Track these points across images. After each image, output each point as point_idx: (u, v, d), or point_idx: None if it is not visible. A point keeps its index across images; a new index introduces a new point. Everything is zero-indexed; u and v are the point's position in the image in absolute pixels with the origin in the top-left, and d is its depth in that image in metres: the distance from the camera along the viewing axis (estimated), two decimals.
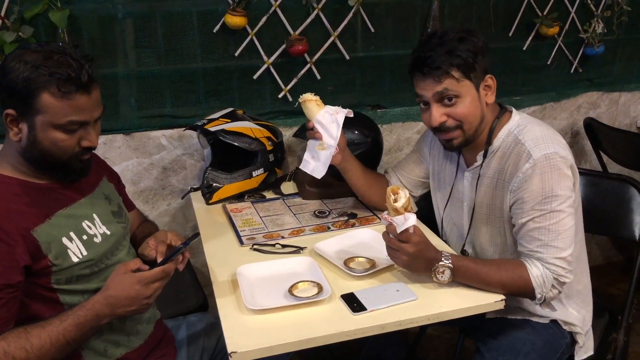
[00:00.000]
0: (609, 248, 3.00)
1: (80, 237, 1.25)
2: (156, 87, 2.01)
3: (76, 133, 1.19)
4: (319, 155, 1.55)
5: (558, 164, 1.34)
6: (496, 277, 1.34)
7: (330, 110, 1.54)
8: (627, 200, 1.82)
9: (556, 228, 1.34)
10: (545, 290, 1.35)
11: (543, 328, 1.52)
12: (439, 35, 1.38)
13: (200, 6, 1.97)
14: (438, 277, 1.33)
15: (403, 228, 1.29)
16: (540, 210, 1.35)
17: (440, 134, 1.45)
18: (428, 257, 1.32)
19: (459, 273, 1.33)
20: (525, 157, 1.37)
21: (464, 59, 1.35)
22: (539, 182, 1.34)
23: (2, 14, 1.74)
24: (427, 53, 1.36)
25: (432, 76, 1.36)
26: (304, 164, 1.59)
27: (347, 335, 1.21)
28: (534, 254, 1.36)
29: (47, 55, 1.13)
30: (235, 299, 1.32)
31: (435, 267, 1.32)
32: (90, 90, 1.18)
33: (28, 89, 1.12)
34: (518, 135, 1.42)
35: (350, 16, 2.13)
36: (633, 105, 2.80)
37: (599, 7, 2.50)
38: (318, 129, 1.54)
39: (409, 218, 1.29)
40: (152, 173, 2.09)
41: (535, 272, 1.34)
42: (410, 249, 1.30)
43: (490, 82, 1.42)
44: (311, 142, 1.58)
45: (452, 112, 1.39)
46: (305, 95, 1.54)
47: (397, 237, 1.31)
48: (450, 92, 1.36)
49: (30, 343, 1.11)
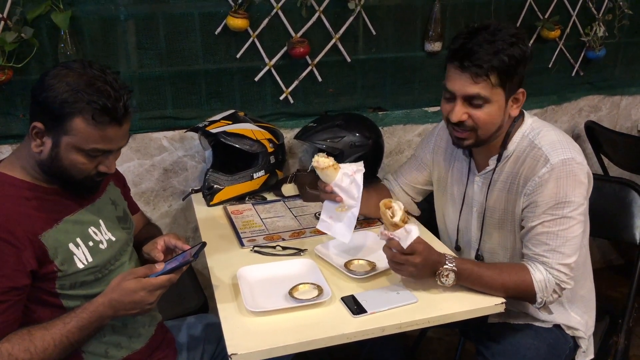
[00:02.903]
0: (610, 251, 3.00)
1: (87, 243, 1.25)
2: (158, 89, 2.01)
3: (97, 158, 1.20)
4: (340, 217, 1.47)
5: (575, 170, 1.33)
6: (499, 281, 1.33)
7: (348, 170, 1.44)
8: (628, 203, 1.82)
9: (565, 234, 1.34)
10: (546, 295, 1.34)
11: (546, 333, 1.52)
12: (491, 31, 1.30)
13: (202, 8, 1.97)
14: (442, 281, 1.32)
15: (408, 243, 1.27)
16: (551, 214, 1.34)
17: (453, 129, 1.40)
18: (433, 262, 1.32)
19: (463, 276, 1.32)
20: (542, 161, 1.36)
21: (507, 65, 1.29)
22: (554, 187, 1.33)
23: (4, 15, 1.75)
24: (474, 47, 1.29)
25: (471, 73, 1.29)
26: (322, 224, 1.49)
27: (347, 338, 1.21)
28: (539, 258, 1.36)
29: (89, 81, 1.13)
30: (236, 300, 1.32)
31: (440, 271, 1.31)
32: (122, 123, 1.18)
33: (63, 110, 1.13)
34: (533, 140, 1.40)
35: (352, 19, 2.13)
36: (634, 108, 2.80)
37: (601, 11, 2.50)
38: (337, 193, 1.45)
39: (411, 231, 1.27)
40: (153, 174, 2.09)
41: (539, 276, 1.34)
42: (416, 260, 1.29)
43: (521, 97, 1.39)
44: (328, 202, 1.48)
45: (474, 114, 1.34)
46: (322, 161, 1.42)
47: (401, 251, 1.29)
48: (480, 98, 1.32)
49: (34, 345, 1.12)
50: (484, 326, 1.56)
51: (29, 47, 1.77)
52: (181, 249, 1.33)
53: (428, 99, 2.37)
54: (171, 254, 1.35)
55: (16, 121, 1.88)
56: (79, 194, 1.27)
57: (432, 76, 2.34)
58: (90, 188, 1.28)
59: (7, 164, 1.23)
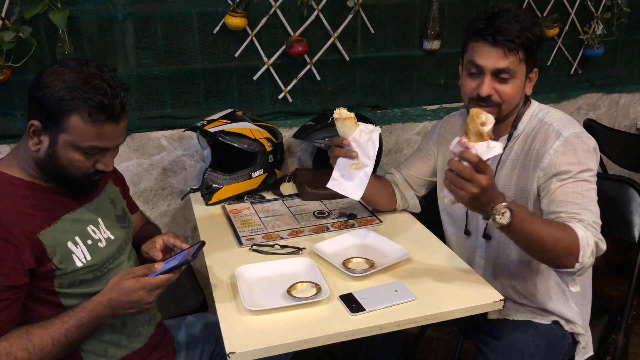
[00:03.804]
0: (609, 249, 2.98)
1: (85, 241, 1.25)
2: (156, 88, 2.01)
3: (94, 156, 1.20)
4: (352, 175, 1.45)
5: (586, 142, 1.39)
6: (550, 232, 1.27)
7: (366, 128, 1.44)
8: (627, 201, 1.82)
9: (589, 194, 1.35)
10: (587, 254, 1.27)
11: (545, 329, 1.52)
12: (512, 13, 1.38)
13: (200, 7, 1.97)
14: (497, 219, 1.21)
15: (489, 156, 1.17)
16: (574, 177, 1.36)
17: (479, 106, 1.39)
18: (493, 194, 1.21)
19: (518, 218, 1.22)
20: (554, 135, 1.41)
21: (532, 42, 1.37)
22: (573, 156, 1.37)
23: (2, 14, 1.75)
24: (504, 24, 1.35)
25: (503, 48, 1.35)
26: (333, 182, 1.47)
27: (345, 336, 1.21)
28: (576, 216, 1.32)
29: (85, 78, 1.13)
30: (234, 299, 1.32)
31: (498, 208, 1.21)
32: (119, 120, 1.18)
33: (59, 108, 1.12)
34: (543, 118, 1.46)
35: (350, 17, 2.13)
36: (633, 106, 2.80)
37: (599, 9, 2.50)
38: (354, 148, 1.44)
39: (495, 146, 1.18)
40: (152, 174, 2.09)
41: (581, 233, 1.28)
42: (484, 182, 1.17)
43: (534, 75, 1.46)
44: (342, 160, 1.46)
45: (501, 89, 1.40)
46: (343, 112, 1.42)
47: (475, 167, 1.16)
48: (510, 71, 1.38)
49: (32, 344, 1.12)
50: (483, 322, 1.56)
51: (26, 46, 1.77)
52: (180, 248, 1.33)
53: (427, 97, 2.37)
54: (170, 253, 1.35)
55: (14, 120, 1.88)
56: (77, 192, 1.27)
57: (430, 75, 2.34)
58: (89, 186, 1.27)
59: (5, 162, 1.23)
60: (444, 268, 1.44)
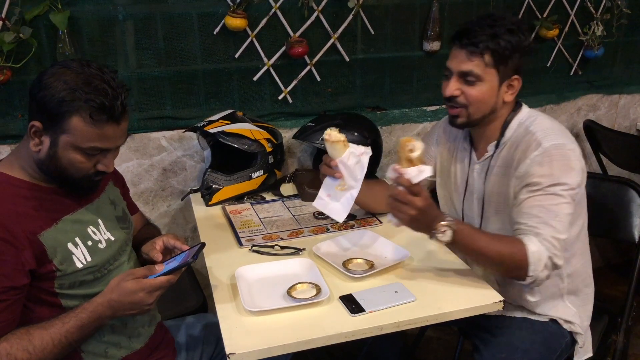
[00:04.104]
0: (609, 250, 3.00)
1: (85, 242, 1.25)
2: (156, 89, 2.01)
3: (95, 157, 1.20)
4: (337, 196, 1.46)
5: (567, 155, 1.37)
6: (495, 248, 1.32)
7: (356, 151, 1.44)
8: (627, 202, 1.82)
9: (555, 209, 1.34)
10: (539, 269, 1.31)
11: (542, 326, 1.52)
12: (493, 18, 1.40)
13: (200, 8, 1.97)
14: (438, 237, 1.30)
15: (419, 179, 1.26)
16: (542, 190, 1.35)
17: (448, 106, 1.49)
18: (432, 215, 1.30)
19: (460, 236, 1.30)
20: (534, 145, 1.39)
21: (502, 49, 1.38)
22: (548, 169, 1.36)
23: (2, 15, 1.75)
24: (474, 28, 1.39)
25: (467, 50, 1.39)
26: (319, 201, 1.48)
27: (345, 337, 1.22)
28: (532, 230, 1.34)
29: (86, 79, 1.13)
30: (234, 300, 1.32)
31: (438, 227, 1.29)
32: (120, 122, 1.18)
33: (60, 109, 1.12)
34: (529, 126, 1.45)
35: (350, 18, 2.13)
36: (632, 107, 2.80)
37: (599, 10, 2.50)
38: (340, 169, 1.44)
39: (425, 170, 1.26)
40: (152, 174, 2.09)
41: (532, 247, 1.31)
42: (419, 203, 1.26)
43: (516, 83, 1.46)
44: (329, 179, 1.48)
45: (467, 91, 1.43)
46: (334, 135, 1.42)
47: (408, 190, 1.26)
48: (473, 75, 1.40)
49: (32, 344, 1.12)
50: (480, 320, 1.56)
51: (27, 47, 1.77)
52: (180, 250, 1.33)
53: (427, 98, 2.37)
54: (170, 254, 1.35)
55: (15, 121, 1.88)
56: (77, 193, 1.27)
57: (430, 75, 2.34)
58: (89, 187, 1.27)
59: (6, 163, 1.23)
60: (444, 269, 1.44)
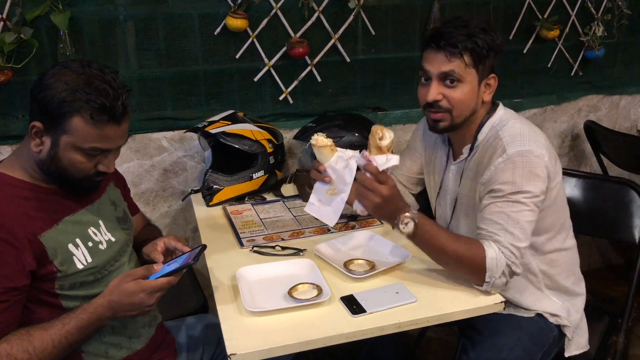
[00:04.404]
0: (609, 251, 3.00)
1: (86, 243, 1.25)
2: (157, 90, 2.02)
3: (96, 157, 1.20)
4: (328, 200, 1.45)
5: (531, 162, 1.35)
6: (453, 247, 1.33)
7: (344, 155, 1.42)
8: (627, 203, 1.82)
9: (516, 217, 1.34)
10: (496, 275, 1.31)
11: (528, 322, 1.52)
12: (463, 20, 1.40)
13: (201, 9, 1.98)
14: (400, 228, 1.32)
15: (386, 167, 1.29)
16: (504, 197, 1.35)
17: (430, 112, 1.46)
18: (397, 205, 1.32)
19: (421, 230, 1.32)
20: (500, 151, 1.39)
21: (480, 48, 1.38)
22: (510, 176, 1.35)
23: (4, 15, 1.75)
24: (449, 29, 1.38)
25: (445, 52, 1.37)
26: (310, 206, 1.47)
27: (346, 338, 1.21)
28: (492, 236, 1.34)
29: (87, 80, 1.13)
30: (235, 300, 1.32)
31: (401, 218, 1.32)
32: (121, 122, 1.18)
33: (61, 109, 1.13)
34: (499, 131, 1.44)
35: (351, 19, 2.13)
36: (633, 108, 2.80)
37: (599, 11, 2.50)
38: (329, 174, 1.43)
39: (392, 158, 1.29)
40: (152, 175, 2.09)
41: (491, 253, 1.31)
42: (385, 192, 1.29)
43: (493, 82, 1.45)
44: (319, 184, 1.46)
45: (449, 94, 1.41)
46: (320, 140, 1.41)
47: (375, 178, 1.30)
48: (455, 75, 1.39)
49: (32, 345, 1.12)
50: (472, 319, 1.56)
51: (28, 47, 1.77)
52: (181, 251, 1.33)
53: None
54: (171, 256, 1.35)
55: (16, 122, 1.89)
56: (78, 194, 1.27)
57: None
58: (90, 188, 1.28)
59: (6, 164, 1.23)
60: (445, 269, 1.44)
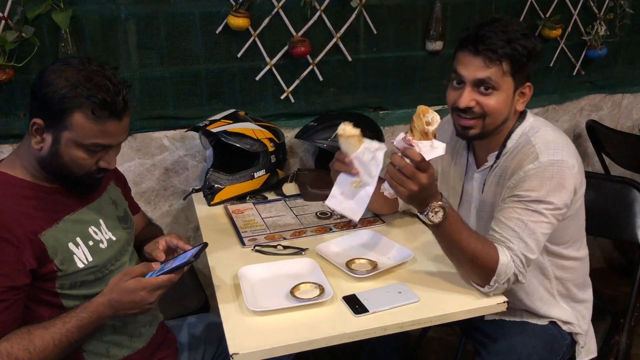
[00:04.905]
0: (611, 251, 3.00)
1: (87, 242, 1.25)
2: (159, 89, 2.01)
3: (97, 154, 1.20)
4: (352, 193, 1.37)
5: (562, 173, 1.31)
6: (472, 245, 1.28)
7: (371, 146, 1.35)
8: (630, 202, 1.82)
9: (533, 227, 1.31)
10: (500, 281, 1.29)
11: (542, 330, 1.51)
12: (502, 23, 1.32)
13: (203, 7, 1.97)
14: (430, 216, 1.25)
15: (432, 156, 1.19)
16: (526, 205, 1.32)
17: (460, 117, 1.39)
18: (431, 192, 1.24)
19: (449, 220, 1.26)
20: (532, 157, 1.34)
21: (520, 55, 1.31)
22: (538, 184, 1.31)
23: (5, 14, 1.75)
24: (488, 33, 1.30)
25: (484, 57, 1.30)
26: (332, 200, 1.38)
27: (348, 337, 1.21)
28: (506, 242, 1.31)
29: (88, 76, 1.13)
30: (237, 300, 1.32)
31: (433, 205, 1.24)
32: (122, 118, 1.18)
33: (62, 106, 1.12)
34: (531, 137, 1.39)
35: (353, 18, 2.13)
36: (635, 107, 2.80)
37: (602, 10, 2.50)
38: (356, 165, 1.35)
39: (438, 147, 1.19)
40: (154, 174, 2.09)
41: (504, 259, 1.29)
42: (424, 180, 1.19)
43: (527, 90, 1.40)
44: (343, 176, 1.38)
45: (483, 101, 1.34)
46: (348, 130, 1.33)
47: (416, 165, 1.19)
48: (491, 83, 1.32)
49: (33, 344, 1.12)
50: (481, 323, 1.55)
51: (29, 46, 1.77)
52: (182, 249, 1.33)
53: (429, 98, 2.36)
54: (172, 254, 1.35)
55: (17, 121, 1.88)
56: (79, 191, 1.27)
57: (433, 75, 2.34)
58: (91, 185, 1.27)
59: (7, 163, 1.23)
60: (448, 269, 1.44)
